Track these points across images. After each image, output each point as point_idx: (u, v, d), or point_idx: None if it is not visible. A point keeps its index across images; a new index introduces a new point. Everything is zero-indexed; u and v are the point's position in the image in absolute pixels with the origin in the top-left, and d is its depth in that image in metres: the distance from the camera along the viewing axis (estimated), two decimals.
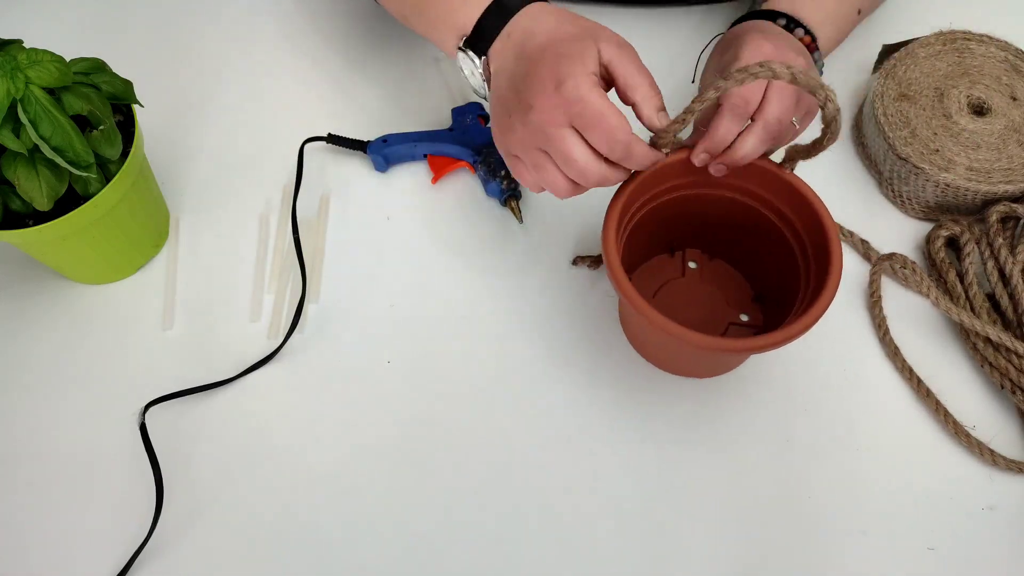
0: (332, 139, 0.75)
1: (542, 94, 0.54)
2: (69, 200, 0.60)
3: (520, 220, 0.71)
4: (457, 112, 0.76)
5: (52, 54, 0.57)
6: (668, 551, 0.60)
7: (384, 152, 0.74)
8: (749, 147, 0.56)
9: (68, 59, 0.59)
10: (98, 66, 0.62)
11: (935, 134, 0.71)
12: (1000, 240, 0.67)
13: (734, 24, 0.66)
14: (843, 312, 0.68)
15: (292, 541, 0.60)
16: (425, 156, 0.75)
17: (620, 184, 0.58)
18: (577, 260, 0.70)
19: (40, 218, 0.60)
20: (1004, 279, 0.66)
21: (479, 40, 0.59)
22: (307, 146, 0.76)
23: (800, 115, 0.58)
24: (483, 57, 0.59)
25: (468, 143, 0.73)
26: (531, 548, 0.60)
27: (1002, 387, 0.64)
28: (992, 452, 0.62)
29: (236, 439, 0.64)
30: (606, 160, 0.55)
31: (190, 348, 0.68)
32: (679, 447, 0.64)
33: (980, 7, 0.82)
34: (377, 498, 0.62)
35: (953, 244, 0.70)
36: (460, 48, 0.60)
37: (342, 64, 0.82)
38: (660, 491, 0.62)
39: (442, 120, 0.77)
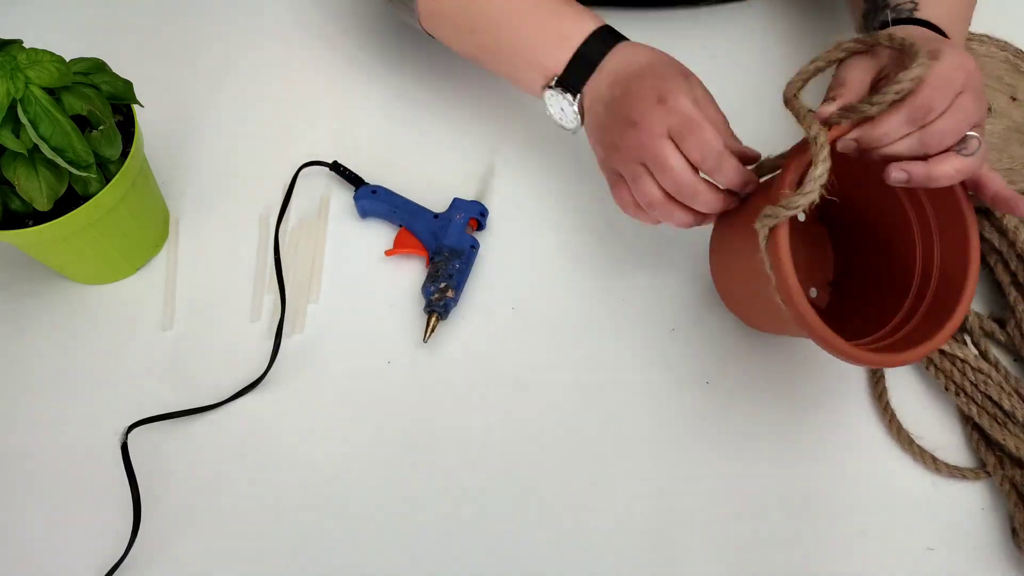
0: (335, 168, 0.73)
1: (644, 110, 0.56)
2: (69, 200, 0.60)
3: (425, 338, 0.66)
4: (456, 203, 0.71)
5: (52, 54, 0.57)
6: (667, 550, 0.60)
7: (366, 203, 0.72)
8: (947, 170, 0.51)
9: (68, 59, 0.59)
10: (98, 66, 0.62)
11: None
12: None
13: (880, 26, 0.59)
14: None
15: (289, 544, 0.61)
16: (400, 226, 0.72)
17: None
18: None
19: (40, 218, 0.60)
20: None
21: (572, 78, 0.61)
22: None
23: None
24: (578, 95, 0.61)
25: (441, 237, 0.69)
26: (531, 549, 0.60)
27: (946, 389, 0.64)
28: (945, 464, 0.62)
29: (231, 443, 0.64)
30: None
31: (190, 348, 0.68)
32: (679, 447, 0.64)
33: (980, 7, 0.82)
34: (376, 501, 0.62)
35: None
36: (549, 87, 0.62)
37: (343, 68, 0.82)
38: (659, 491, 0.62)
39: (443, 199, 0.72)
